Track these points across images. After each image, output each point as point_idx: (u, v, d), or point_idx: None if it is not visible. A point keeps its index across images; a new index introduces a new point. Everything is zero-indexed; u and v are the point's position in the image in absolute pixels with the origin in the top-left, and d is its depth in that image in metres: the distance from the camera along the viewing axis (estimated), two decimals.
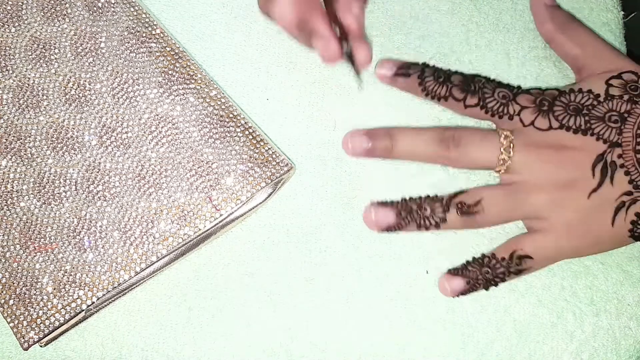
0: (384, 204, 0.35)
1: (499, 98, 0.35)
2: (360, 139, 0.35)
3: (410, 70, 0.36)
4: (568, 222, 0.33)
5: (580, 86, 0.35)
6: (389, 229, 0.34)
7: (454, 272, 0.34)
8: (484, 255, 0.34)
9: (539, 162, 0.34)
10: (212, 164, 0.35)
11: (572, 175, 0.33)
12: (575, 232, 0.33)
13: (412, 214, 0.34)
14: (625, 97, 0.33)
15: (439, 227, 0.34)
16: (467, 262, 0.35)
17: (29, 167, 0.35)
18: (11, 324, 0.33)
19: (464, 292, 0.34)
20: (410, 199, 0.35)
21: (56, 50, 0.37)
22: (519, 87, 0.36)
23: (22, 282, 0.33)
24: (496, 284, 0.34)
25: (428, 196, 0.35)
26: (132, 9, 0.38)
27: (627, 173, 0.33)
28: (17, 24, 0.37)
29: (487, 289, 0.34)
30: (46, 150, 0.35)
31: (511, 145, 0.34)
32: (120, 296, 0.34)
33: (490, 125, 0.37)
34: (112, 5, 0.38)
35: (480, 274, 0.34)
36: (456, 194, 0.34)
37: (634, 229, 0.33)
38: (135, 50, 0.37)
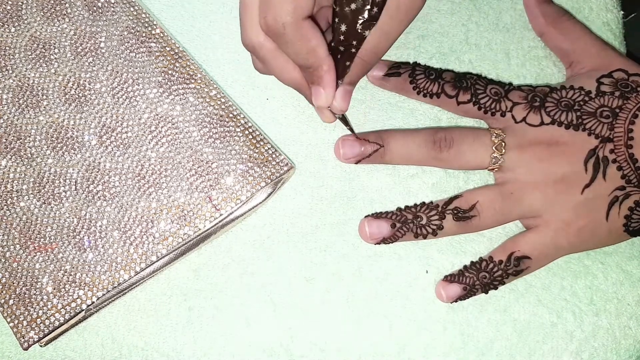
0: (378, 215, 0.35)
1: (491, 94, 0.35)
2: (352, 144, 0.35)
3: (401, 70, 0.36)
4: (563, 218, 0.33)
5: (572, 83, 0.35)
6: (384, 241, 0.34)
7: (450, 278, 0.34)
8: (481, 259, 0.34)
9: (531, 159, 0.34)
10: (212, 163, 0.35)
11: (564, 171, 0.33)
12: (570, 228, 0.33)
13: (407, 224, 0.34)
14: (617, 93, 0.33)
15: (436, 234, 0.34)
16: (465, 267, 0.35)
17: (28, 167, 0.35)
18: (11, 324, 0.33)
19: (461, 298, 0.34)
20: (406, 208, 0.35)
21: (56, 50, 0.37)
22: (510, 84, 0.36)
23: (22, 282, 0.33)
24: (495, 287, 0.34)
25: (423, 203, 0.35)
26: (131, 9, 0.38)
27: (619, 168, 0.33)
28: (16, 23, 0.37)
29: (486, 292, 0.34)
30: (46, 150, 0.35)
31: (503, 143, 0.34)
32: (120, 296, 0.34)
33: (483, 125, 0.37)
34: (111, 5, 0.38)
35: (478, 279, 0.34)
36: (451, 200, 0.34)
37: (627, 223, 0.33)
38: (135, 50, 0.37)
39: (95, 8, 0.38)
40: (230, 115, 0.36)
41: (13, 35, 0.37)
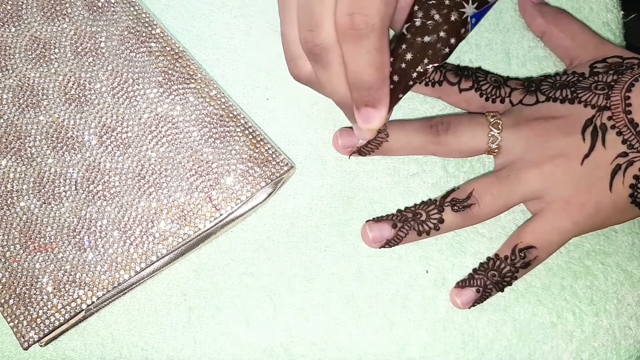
0: (378, 219, 0.35)
1: (491, 82, 0.35)
2: (349, 133, 0.35)
3: None
4: (564, 195, 0.32)
5: (566, 70, 0.35)
6: (389, 243, 0.34)
7: (461, 284, 0.34)
8: (488, 259, 0.34)
9: (527, 136, 0.33)
10: (212, 163, 0.35)
11: (562, 143, 0.32)
12: (573, 205, 0.32)
13: (408, 222, 0.34)
14: (611, 72, 0.33)
15: (439, 229, 0.34)
16: (474, 269, 0.35)
17: (28, 166, 0.35)
18: (11, 324, 0.33)
19: (477, 301, 0.34)
20: (406, 208, 0.35)
21: (56, 50, 0.37)
22: (508, 77, 0.37)
23: (22, 282, 0.33)
24: (509, 283, 0.34)
25: (422, 202, 0.35)
26: (132, 9, 0.38)
27: (619, 133, 0.31)
28: (17, 23, 0.37)
29: (501, 290, 0.34)
30: (46, 149, 0.35)
31: (499, 122, 0.34)
32: (120, 296, 0.34)
33: None
34: (112, 4, 0.38)
35: (488, 278, 0.33)
36: (448, 193, 0.34)
37: (634, 193, 0.31)
38: (135, 50, 0.37)
39: (95, 8, 0.38)
40: (230, 115, 0.36)
41: (13, 35, 0.37)
